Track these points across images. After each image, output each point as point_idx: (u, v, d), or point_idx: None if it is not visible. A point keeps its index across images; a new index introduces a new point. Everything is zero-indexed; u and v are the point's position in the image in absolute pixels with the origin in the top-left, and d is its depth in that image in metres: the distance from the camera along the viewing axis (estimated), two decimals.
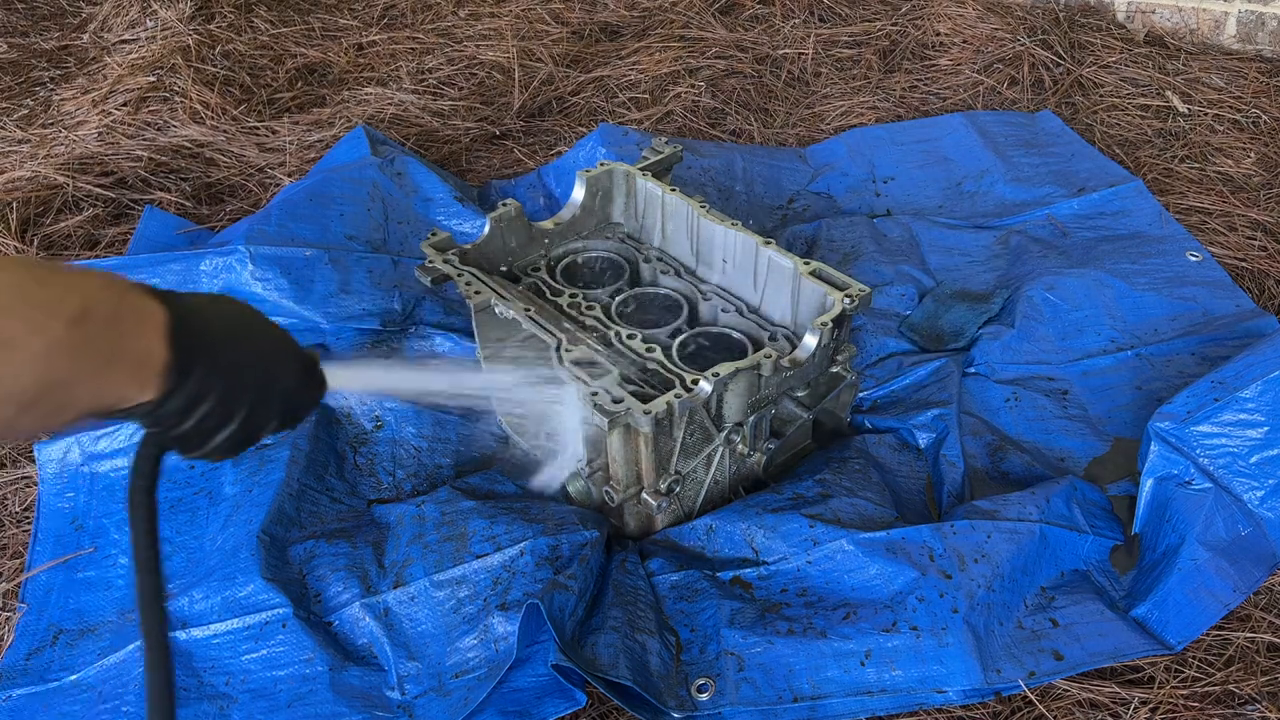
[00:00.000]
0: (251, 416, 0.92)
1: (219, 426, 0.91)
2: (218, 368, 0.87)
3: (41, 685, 1.53)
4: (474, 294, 1.73)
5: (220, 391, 0.88)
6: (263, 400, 0.93)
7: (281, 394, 0.96)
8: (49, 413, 0.77)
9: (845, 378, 1.79)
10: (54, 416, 0.79)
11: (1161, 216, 2.43)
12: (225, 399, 0.89)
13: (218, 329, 0.89)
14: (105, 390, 0.81)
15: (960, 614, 1.48)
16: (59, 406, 0.78)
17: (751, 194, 2.61)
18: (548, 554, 1.59)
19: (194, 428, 0.89)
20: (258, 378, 0.92)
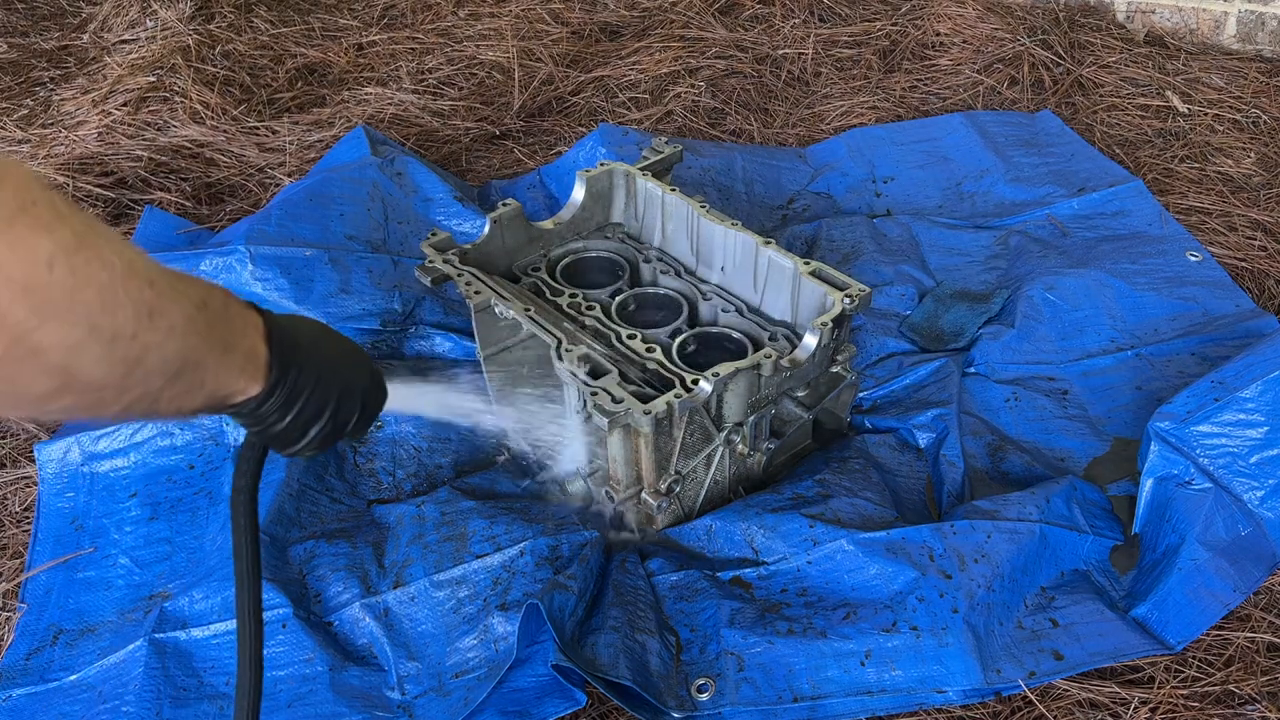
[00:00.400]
0: (338, 413, 1.01)
1: (312, 421, 0.99)
2: (308, 369, 0.96)
3: (41, 685, 1.53)
4: (474, 294, 1.73)
5: (311, 390, 0.97)
6: (346, 398, 1.03)
7: (360, 393, 1.06)
8: (183, 391, 0.82)
9: (845, 378, 1.79)
10: (187, 397, 0.84)
11: (1161, 216, 2.43)
12: (316, 397, 0.98)
13: (304, 335, 0.98)
14: (224, 378, 0.88)
15: (960, 614, 1.48)
16: (191, 386, 0.83)
17: (751, 194, 2.61)
18: (548, 554, 1.59)
19: (291, 423, 0.97)
20: (341, 379, 1.02)
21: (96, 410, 0.76)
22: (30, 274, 0.63)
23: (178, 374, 0.80)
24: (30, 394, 0.68)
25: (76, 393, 0.71)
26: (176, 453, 1.84)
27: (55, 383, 0.69)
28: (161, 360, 0.77)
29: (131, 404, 0.78)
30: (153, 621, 1.56)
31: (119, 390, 0.75)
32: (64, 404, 0.72)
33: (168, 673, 1.51)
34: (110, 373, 0.72)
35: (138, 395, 0.77)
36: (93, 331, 0.69)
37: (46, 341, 0.66)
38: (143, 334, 0.73)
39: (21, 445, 1.94)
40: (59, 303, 0.65)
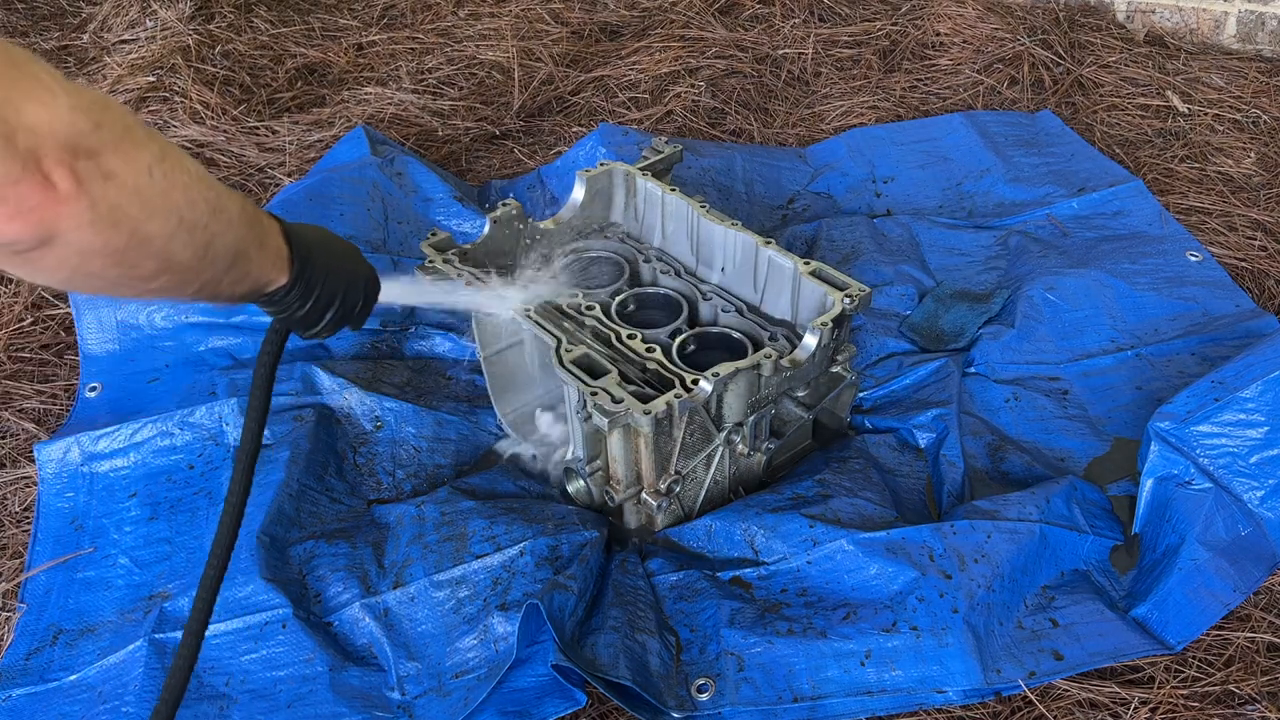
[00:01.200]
0: (346, 298, 1.20)
1: (327, 307, 1.18)
2: (320, 263, 1.15)
3: (41, 685, 1.53)
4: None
5: (324, 280, 1.16)
6: (352, 286, 1.22)
7: (363, 282, 1.25)
8: (238, 278, 1.02)
9: (845, 378, 1.79)
10: (239, 282, 1.04)
11: (1161, 216, 2.43)
12: (329, 285, 1.17)
13: (313, 236, 1.16)
14: (263, 268, 1.07)
15: (960, 614, 1.48)
16: (242, 274, 1.03)
17: (751, 194, 2.61)
18: (547, 554, 1.59)
19: (311, 308, 1.16)
20: (346, 270, 1.21)
21: (180, 290, 0.96)
22: (138, 180, 0.81)
23: (233, 261, 0.99)
24: (141, 274, 0.88)
25: (170, 272, 0.91)
26: (176, 453, 1.84)
27: (158, 263, 0.88)
28: (224, 247, 0.96)
29: (204, 285, 0.98)
30: (153, 622, 1.56)
31: (197, 272, 0.95)
32: (161, 282, 0.92)
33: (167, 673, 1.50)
34: (193, 256, 0.92)
35: (208, 278, 0.97)
36: (181, 222, 0.88)
37: (153, 231, 0.85)
38: (212, 224, 0.92)
39: (21, 445, 1.94)
40: (158, 200, 0.84)
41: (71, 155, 0.75)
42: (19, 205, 0.73)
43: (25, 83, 0.73)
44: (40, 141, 0.72)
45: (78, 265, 0.82)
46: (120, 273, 0.86)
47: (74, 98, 0.76)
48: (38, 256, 0.78)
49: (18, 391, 2.05)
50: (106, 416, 1.91)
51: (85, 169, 0.76)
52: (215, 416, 1.86)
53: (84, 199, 0.76)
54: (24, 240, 0.75)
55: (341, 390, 1.92)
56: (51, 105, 0.73)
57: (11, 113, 0.70)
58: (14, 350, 2.13)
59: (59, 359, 2.13)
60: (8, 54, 0.72)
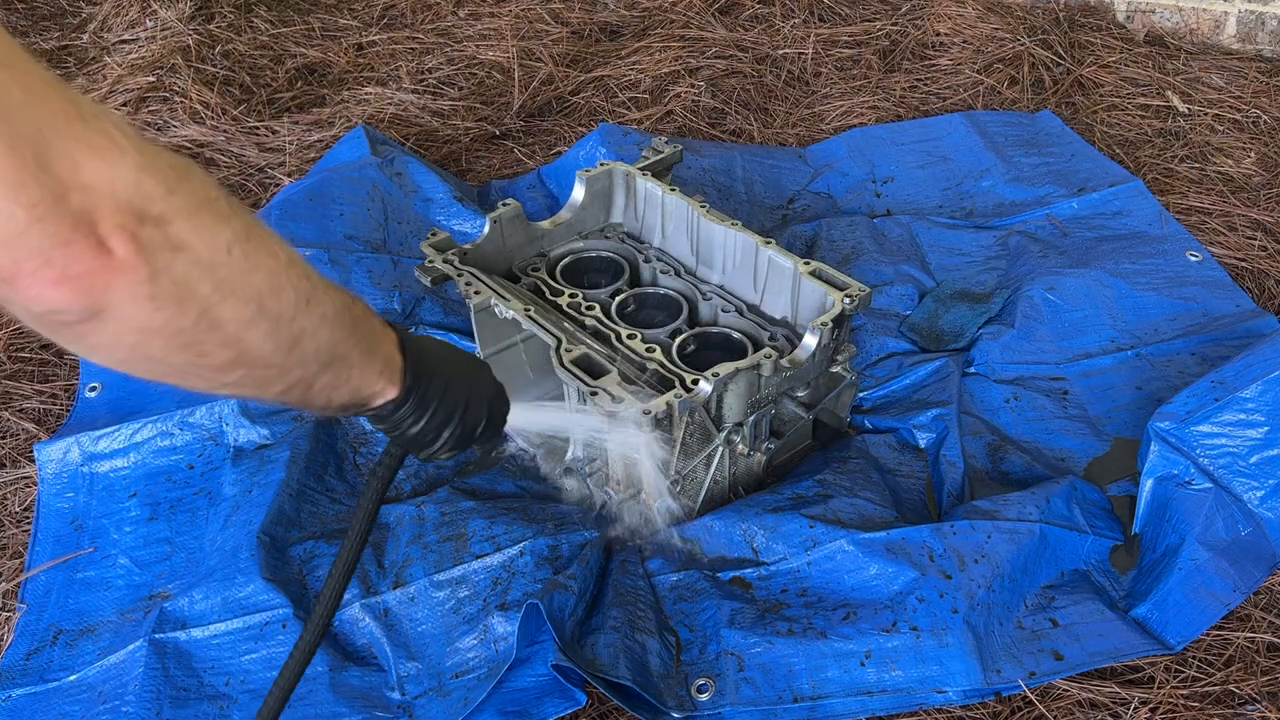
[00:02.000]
0: (466, 417, 1.11)
1: (444, 425, 1.09)
2: (438, 377, 1.06)
3: (41, 685, 1.53)
4: (474, 294, 1.73)
5: (442, 396, 1.07)
6: (474, 403, 1.13)
7: (486, 400, 1.17)
8: (332, 384, 0.93)
9: (845, 378, 1.79)
10: (335, 390, 0.94)
11: (1161, 216, 2.43)
12: (446, 402, 1.08)
13: (433, 348, 1.09)
14: (367, 378, 0.98)
15: (960, 614, 1.48)
16: (339, 380, 0.94)
17: (751, 194, 2.61)
18: (547, 554, 1.59)
19: (425, 426, 1.06)
20: (467, 386, 1.12)
21: (261, 388, 0.87)
22: (213, 256, 0.73)
23: (328, 364, 0.90)
24: (211, 363, 0.79)
25: (247, 366, 0.82)
26: (176, 453, 1.84)
27: (231, 354, 0.79)
28: (316, 347, 0.87)
29: (290, 386, 0.89)
30: (152, 622, 1.56)
31: (281, 370, 0.86)
32: (236, 376, 0.82)
33: (168, 673, 1.51)
34: (275, 350, 0.83)
35: (296, 379, 0.88)
36: (261, 310, 0.79)
37: (226, 316, 0.76)
38: (301, 318, 0.84)
39: (21, 445, 1.94)
40: (235, 282, 0.76)
41: (135, 220, 0.67)
42: (65, 270, 0.65)
43: (91, 137, 0.66)
44: (97, 202, 0.65)
45: (135, 345, 0.73)
46: (187, 359, 0.77)
47: (146, 158, 0.68)
48: (89, 330, 0.70)
49: (18, 391, 2.05)
50: (106, 416, 1.91)
51: (150, 236, 0.68)
52: (215, 417, 1.86)
53: (143, 269, 0.68)
54: (70, 310, 0.67)
55: None
56: (117, 164, 0.66)
57: (67, 169, 0.64)
58: (14, 350, 2.13)
59: (59, 359, 2.13)
60: (76, 107, 0.65)
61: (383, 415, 1.03)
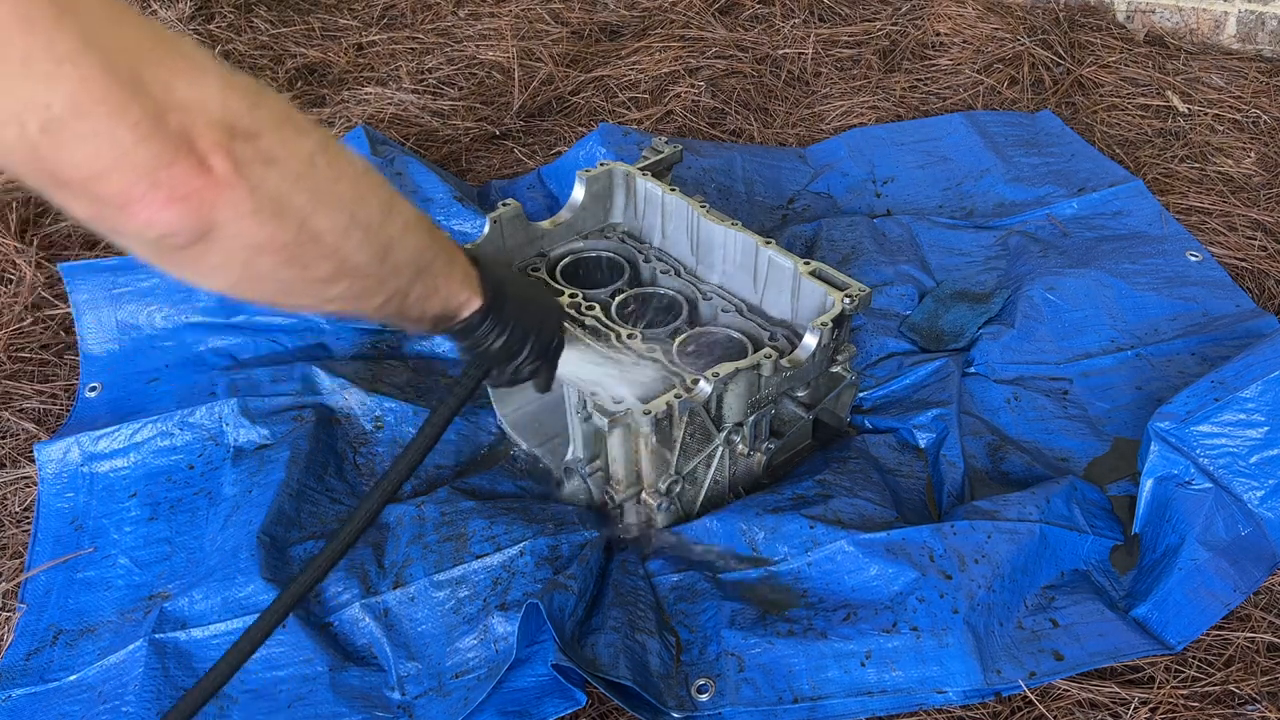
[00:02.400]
0: (543, 329, 1.13)
1: (525, 337, 1.11)
2: (513, 289, 1.09)
3: (41, 685, 1.53)
4: None
5: (520, 307, 1.09)
6: (549, 316, 1.16)
7: (556, 313, 1.19)
8: (425, 294, 0.96)
9: (845, 378, 1.79)
10: (428, 300, 0.97)
11: (1161, 216, 2.43)
12: (525, 313, 1.10)
13: (495, 264, 1.09)
14: (453, 288, 1.00)
15: (960, 614, 1.48)
16: (429, 290, 0.97)
17: (751, 194, 2.61)
18: (547, 554, 1.59)
19: (509, 338, 1.09)
20: (539, 299, 1.16)
21: (362, 301, 0.89)
22: (301, 168, 0.75)
23: (418, 272, 0.93)
24: (316, 276, 0.81)
25: (348, 277, 0.84)
26: (176, 453, 1.84)
27: (332, 265, 0.82)
28: (405, 255, 0.90)
29: (389, 297, 0.92)
30: (152, 622, 1.56)
31: (379, 280, 0.88)
32: (340, 289, 0.85)
33: (168, 673, 1.51)
34: (370, 260, 0.85)
35: (393, 289, 0.91)
36: (353, 219, 0.81)
37: (322, 226, 0.78)
38: (387, 225, 0.86)
39: (21, 445, 1.94)
40: (325, 192, 0.78)
41: (228, 137, 0.68)
42: (173, 190, 0.66)
43: (175, 60, 0.66)
44: (193, 121, 0.66)
45: (245, 263, 0.75)
46: (294, 274, 0.79)
47: (227, 77, 0.70)
48: (200, 253, 0.71)
49: (18, 391, 2.05)
50: (106, 416, 1.91)
51: (243, 152, 0.69)
52: (215, 417, 1.86)
53: (243, 185, 0.70)
54: (182, 231, 0.68)
55: (341, 390, 1.92)
56: (203, 83, 0.68)
57: (160, 90, 0.64)
58: (14, 350, 2.13)
59: (59, 359, 2.13)
60: (155, 30, 0.67)
61: (471, 327, 1.05)
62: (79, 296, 2.05)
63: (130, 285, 2.06)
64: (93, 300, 2.06)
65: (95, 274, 2.06)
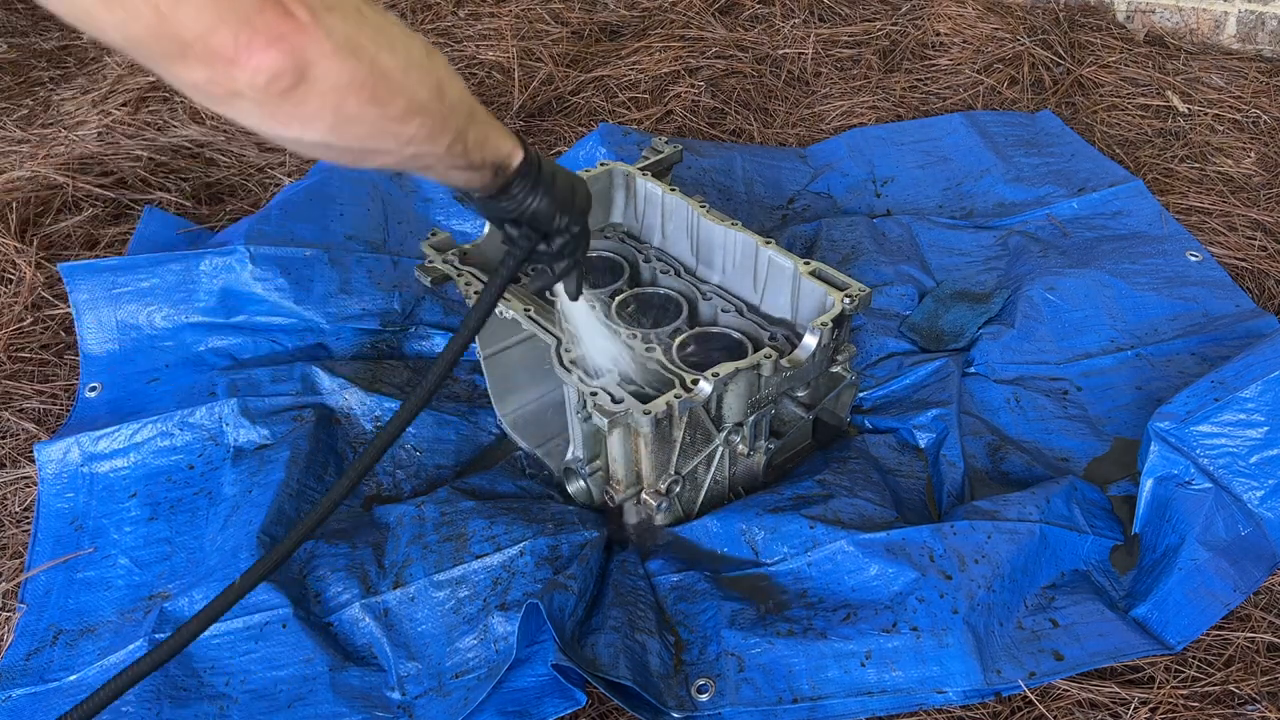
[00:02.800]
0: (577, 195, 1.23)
1: (567, 200, 1.20)
2: (547, 165, 1.18)
3: (42, 685, 1.53)
4: (473, 294, 1.73)
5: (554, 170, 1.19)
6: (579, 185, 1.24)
7: (585, 185, 1.26)
8: (479, 140, 1.05)
9: (845, 378, 1.79)
10: (482, 146, 1.07)
11: (1161, 216, 2.43)
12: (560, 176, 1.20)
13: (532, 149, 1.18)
14: (500, 138, 1.10)
15: (960, 614, 1.48)
16: (483, 137, 1.06)
17: (751, 194, 2.61)
18: (547, 554, 1.59)
19: (553, 197, 1.18)
20: (566, 170, 1.24)
21: (435, 141, 0.98)
22: (357, 11, 0.84)
23: (470, 114, 1.03)
24: (393, 114, 0.91)
25: (418, 114, 0.93)
26: (176, 453, 1.84)
27: (404, 101, 0.91)
28: (456, 95, 0.99)
29: (455, 139, 1.01)
30: (152, 622, 1.56)
31: (442, 119, 0.97)
32: (414, 128, 0.94)
33: (167, 673, 1.51)
34: (431, 96, 0.94)
35: (455, 129, 1.00)
36: (409, 58, 0.90)
37: (388, 63, 0.87)
38: (433, 65, 0.95)
39: (21, 445, 1.94)
40: (382, 31, 0.87)
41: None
42: (269, 33, 0.76)
43: None
44: None
45: (337, 106, 0.84)
46: (376, 113, 0.88)
47: None
48: (302, 97, 0.81)
49: (18, 391, 2.05)
50: (106, 416, 1.91)
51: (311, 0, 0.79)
52: (215, 417, 1.86)
53: (319, 28, 0.79)
54: (285, 71, 0.78)
55: (341, 390, 1.92)
56: None
57: None
58: (14, 350, 2.13)
59: (59, 359, 2.13)
60: None
61: (523, 176, 1.15)
62: (79, 296, 2.05)
63: (130, 285, 2.06)
64: (93, 300, 2.06)
65: (95, 274, 2.06)
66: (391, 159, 0.97)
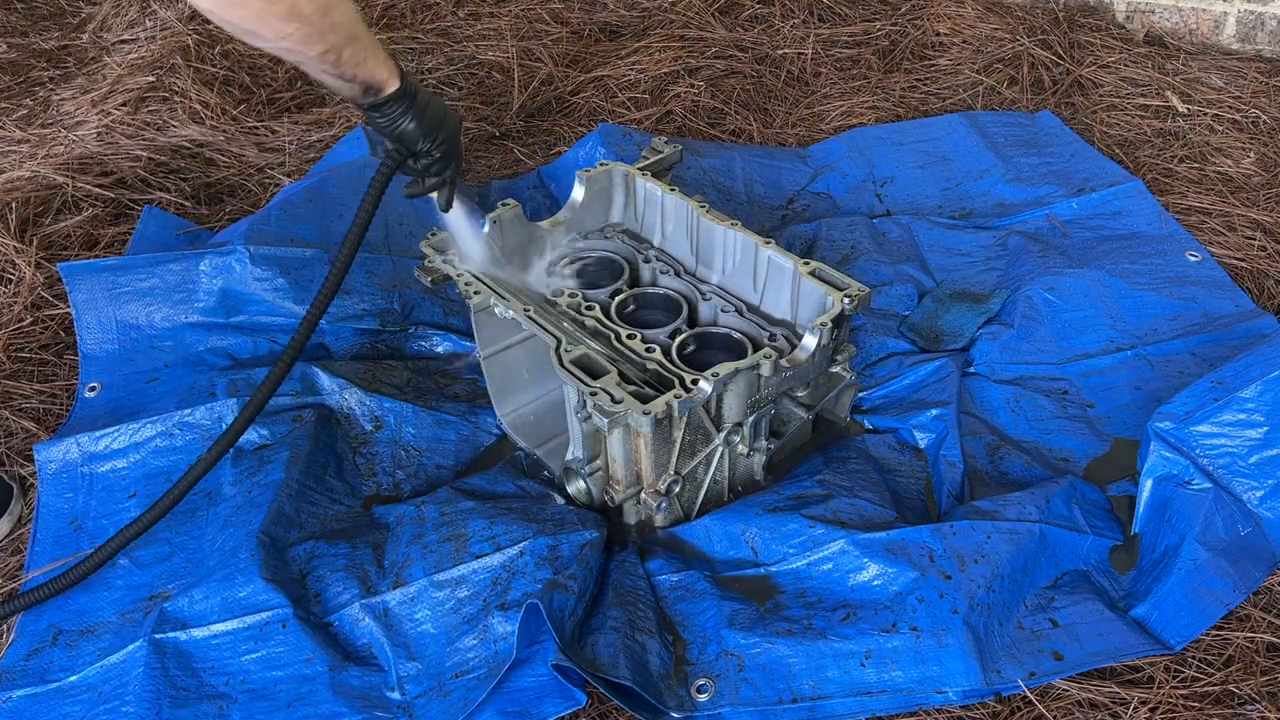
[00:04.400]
0: (445, 126, 1.50)
1: (432, 129, 1.47)
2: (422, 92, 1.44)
3: (42, 686, 1.53)
4: (473, 294, 1.73)
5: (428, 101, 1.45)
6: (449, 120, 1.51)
7: (456, 120, 1.53)
8: (355, 60, 1.28)
9: (845, 378, 1.79)
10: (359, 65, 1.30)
11: (1161, 216, 2.43)
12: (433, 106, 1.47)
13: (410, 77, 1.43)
14: (379, 66, 1.34)
15: (960, 614, 1.48)
16: (360, 58, 1.29)
17: (751, 194, 2.61)
18: (547, 554, 1.59)
19: (417, 125, 1.45)
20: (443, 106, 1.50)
21: (308, 45, 1.21)
22: None
23: (350, 38, 1.24)
24: (274, 13, 1.14)
25: (298, 20, 1.16)
26: (176, 453, 1.84)
27: (286, 6, 1.14)
28: (341, 18, 1.22)
29: (328, 49, 1.23)
30: (152, 622, 1.56)
31: (320, 31, 1.19)
32: (292, 29, 1.16)
33: (167, 673, 1.51)
34: (314, 11, 1.17)
35: (330, 44, 1.23)
36: None
37: None
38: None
39: (21, 445, 1.94)
40: None
41: None
42: None
43: None
44: None
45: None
46: (262, 6, 1.11)
47: None
48: None
49: (18, 391, 2.05)
50: (106, 416, 1.91)
51: None
52: (215, 417, 1.86)
53: None
54: None
55: (341, 390, 1.92)
56: None
57: None
58: (14, 350, 2.13)
59: (59, 359, 2.13)
60: None
61: (393, 100, 1.39)
62: (79, 296, 2.05)
63: (130, 285, 2.06)
64: (92, 300, 2.06)
65: (95, 274, 2.06)
66: (268, 46, 1.17)
